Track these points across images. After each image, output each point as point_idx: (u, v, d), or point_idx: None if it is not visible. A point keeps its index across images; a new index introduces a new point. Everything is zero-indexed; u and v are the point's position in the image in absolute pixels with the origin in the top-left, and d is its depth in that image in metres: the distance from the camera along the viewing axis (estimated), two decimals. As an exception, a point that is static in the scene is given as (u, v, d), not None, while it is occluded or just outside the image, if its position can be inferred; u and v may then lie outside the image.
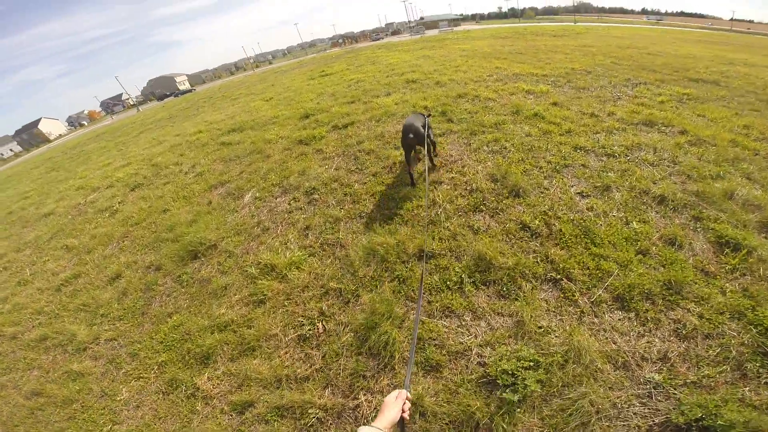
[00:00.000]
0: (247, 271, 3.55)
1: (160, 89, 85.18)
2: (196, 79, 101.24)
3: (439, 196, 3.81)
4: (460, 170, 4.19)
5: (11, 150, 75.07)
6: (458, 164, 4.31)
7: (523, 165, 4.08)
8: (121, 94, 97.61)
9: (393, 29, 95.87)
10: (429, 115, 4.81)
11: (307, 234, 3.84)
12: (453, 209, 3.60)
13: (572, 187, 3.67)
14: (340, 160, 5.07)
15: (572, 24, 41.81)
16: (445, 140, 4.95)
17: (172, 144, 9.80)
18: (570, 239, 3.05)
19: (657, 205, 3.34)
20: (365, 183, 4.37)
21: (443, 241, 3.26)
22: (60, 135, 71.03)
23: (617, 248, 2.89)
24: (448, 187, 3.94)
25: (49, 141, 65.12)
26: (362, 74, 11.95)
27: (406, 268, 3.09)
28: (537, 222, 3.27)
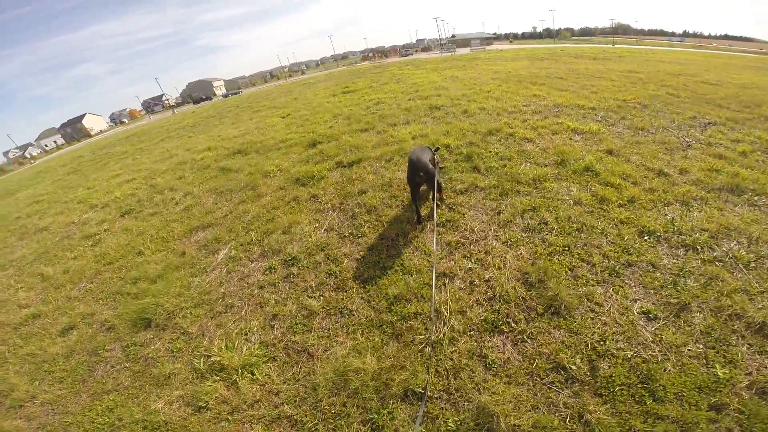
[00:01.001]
0: (194, 363, 2.86)
1: (198, 92, 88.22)
2: (232, 84, 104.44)
3: (447, 300, 2.81)
4: (481, 257, 3.16)
5: (55, 142, 79.64)
6: (481, 245, 3.29)
7: (569, 258, 3.00)
8: (162, 95, 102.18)
9: (423, 45, 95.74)
10: (437, 150, 3.98)
11: (273, 325, 3.00)
12: (463, 326, 2.60)
13: (635, 302, 2.60)
14: (334, 215, 4.20)
15: (611, 46, 40.09)
16: (467, 200, 3.94)
17: (178, 161, 9.34)
18: (620, 390, 2.08)
19: (753, 334, 2.29)
20: (357, 260, 3.45)
21: (440, 377, 2.32)
22: (101, 131, 74.65)
23: (684, 403, 1.98)
24: (462, 285, 2.93)
25: (90, 136, 68.59)
26: (384, 94, 11.24)
27: (384, 411, 2.19)
28: (578, 361, 2.27)
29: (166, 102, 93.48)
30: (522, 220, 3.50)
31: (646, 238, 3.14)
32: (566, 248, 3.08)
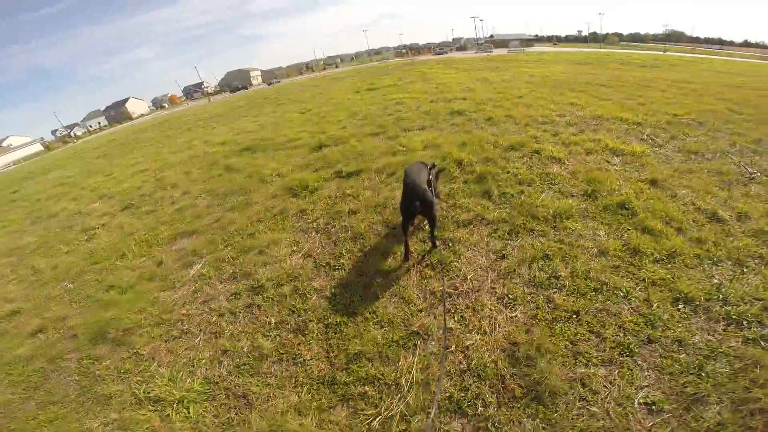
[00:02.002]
0: (134, 388, 2.68)
1: (236, 81, 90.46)
2: (269, 75, 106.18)
3: (413, 366, 2.29)
4: (467, 315, 2.58)
5: (99, 123, 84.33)
6: (470, 299, 2.70)
7: (575, 327, 2.36)
8: (201, 83, 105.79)
9: (459, 44, 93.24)
10: (433, 167, 3.37)
11: (222, 362, 2.69)
12: (421, 402, 2.09)
13: (641, 390, 2.00)
14: (317, 239, 3.74)
15: (661, 53, 37.30)
16: (468, 236, 3.30)
17: (192, 154, 9.28)
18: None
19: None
20: (327, 298, 2.98)
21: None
22: (141, 114, 78.25)
23: None
24: (436, 350, 2.40)
25: (131, 119, 71.96)
26: (407, 94, 10.75)
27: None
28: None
29: (205, 89, 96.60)
30: (528, 270, 2.85)
31: (680, 307, 2.44)
32: (574, 314, 2.44)
